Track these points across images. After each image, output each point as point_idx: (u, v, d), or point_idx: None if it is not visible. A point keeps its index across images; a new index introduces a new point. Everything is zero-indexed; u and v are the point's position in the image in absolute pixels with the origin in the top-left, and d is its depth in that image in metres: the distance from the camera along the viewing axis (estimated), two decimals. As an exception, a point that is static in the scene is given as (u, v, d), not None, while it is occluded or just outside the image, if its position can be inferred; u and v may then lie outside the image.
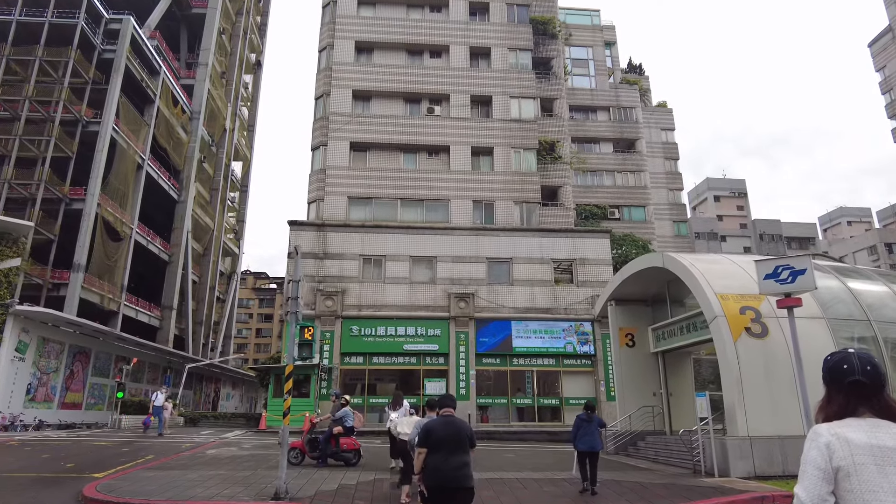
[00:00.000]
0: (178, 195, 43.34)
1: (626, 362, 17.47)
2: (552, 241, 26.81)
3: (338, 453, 12.27)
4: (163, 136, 40.80)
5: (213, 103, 49.19)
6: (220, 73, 53.28)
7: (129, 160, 36.35)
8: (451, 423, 5.00)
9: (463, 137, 28.55)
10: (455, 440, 4.88)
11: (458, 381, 24.49)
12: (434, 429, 4.95)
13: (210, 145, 50.54)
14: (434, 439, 4.88)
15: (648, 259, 15.23)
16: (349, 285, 25.35)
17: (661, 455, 14.21)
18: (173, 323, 41.68)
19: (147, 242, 38.97)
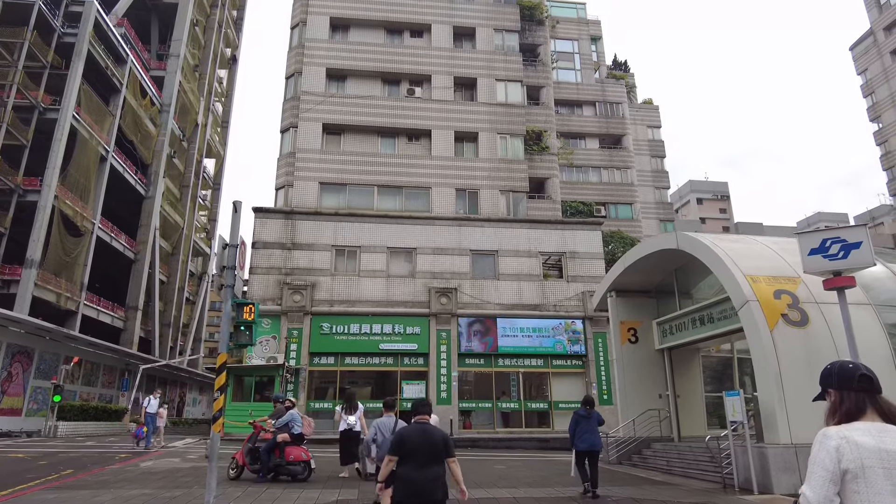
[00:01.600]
0: (145, 190, 40.74)
1: (628, 361, 15.59)
2: (540, 234, 24.93)
3: (283, 465, 10.14)
4: (129, 127, 38.34)
5: (184, 96, 46.82)
6: (193, 66, 50.97)
7: (91, 151, 33.82)
8: (427, 432, 4.65)
9: (445, 121, 26.56)
10: (430, 450, 4.53)
11: (438, 384, 22.38)
12: (408, 437, 4.58)
13: (181, 140, 48.14)
14: (407, 448, 4.51)
15: (660, 240, 13.37)
16: (320, 278, 23.09)
17: (675, 465, 12.30)
18: (138, 324, 38.94)
19: (111, 239, 36.34)
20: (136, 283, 39.30)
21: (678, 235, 12.65)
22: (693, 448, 12.60)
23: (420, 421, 4.79)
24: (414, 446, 4.53)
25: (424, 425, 4.74)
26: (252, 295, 22.79)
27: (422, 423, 4.76)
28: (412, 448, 4.52)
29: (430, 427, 4.76)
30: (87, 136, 33.04)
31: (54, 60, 32.32)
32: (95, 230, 34.33)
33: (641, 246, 14.17)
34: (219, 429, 6.65)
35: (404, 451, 4.54)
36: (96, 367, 33.87)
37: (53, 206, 29.92)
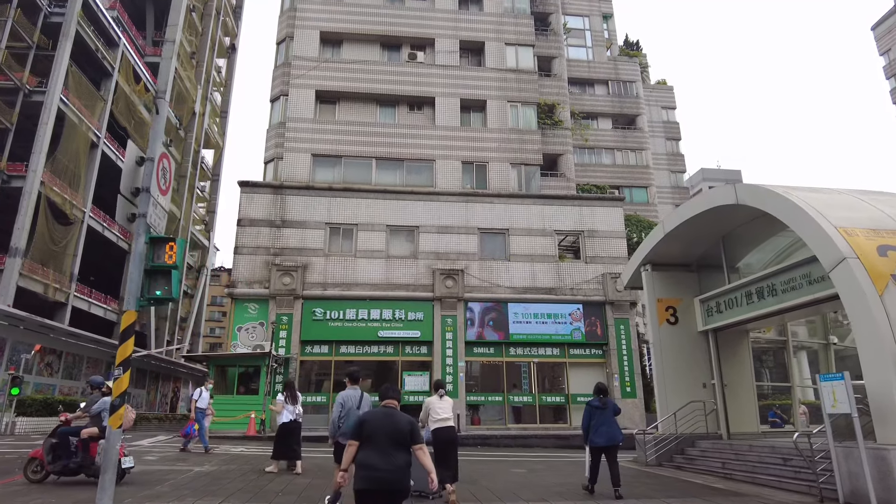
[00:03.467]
0: None
1: (667, 344, 13.30)
2: (555, 210, 22.63)
3: (88, 465, 8.11)
4: (122, 113, 36.36)
5: (180, 84, 44.92)
6: (190, 53, 49.14)
7: (80, 137, 31.83)
8: (390, 416, 4.45)
9: (451, 88, 24.24)
10: (393, 435, 4.28)
11: (443, 375, 20.14)
12: (369, 420, 4.39)
13: (178, 129, 46.33)
14: (368, 431, 4.29)
15: (714, 195, 11.04)
16: (312, 259, 20.86)
17: (735, 468, 10.03)
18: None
19: (103, 228, 34.33)
20: None
21: (738, 188, 10.33)
22: (755, 447, 10.33)
23: (387, 405, 4.58)
24: (375, 429, 4.29)
25: (389, 409, 4.53)
26: (237, 277, 20.61)
27: (387, 408, 4.54)
28: (373, 432, 4.28)
29: (395, 411, 4.54)
30: (76, 121, 31.12)
31: (40, 41, 30.37)
32: (86, 219, 32.38)
33: (689, 205, 11.86)
34: (118, 423, 4.44)
35: (365, 436, 4.29)
36: (79, 360, 31.80)
37: (40, 192, 27.97)
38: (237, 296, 20.38)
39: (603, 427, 8.03)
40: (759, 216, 11.94)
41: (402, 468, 4.24)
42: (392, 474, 4.17)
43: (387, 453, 4.22)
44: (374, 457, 4.21)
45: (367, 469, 4.19)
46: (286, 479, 8.96)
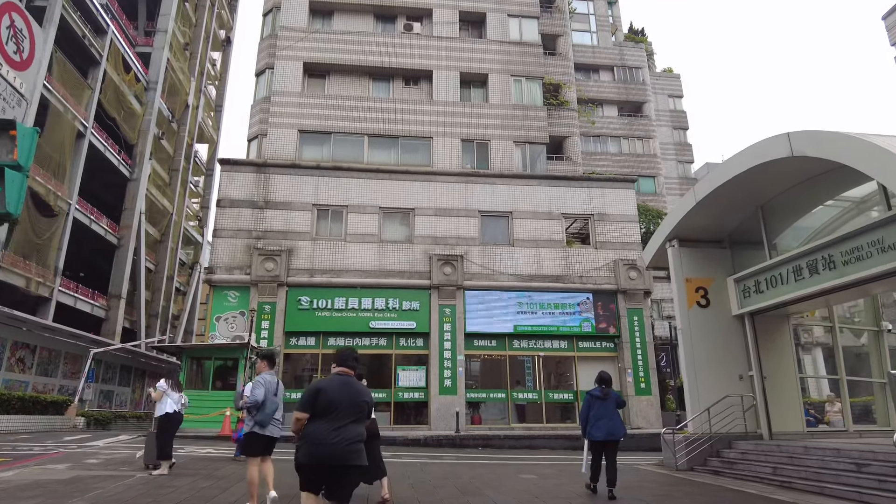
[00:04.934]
0: (130, 172, 37.04)
1: (698, 330, 11.57)
2: (563, 192, 20.90)
3: None
4: (111, 103, 34.65)
5: (173, 75, 43.31)
6: (184, 44, 47.59)
7: (66, 125, 30.19)
8: (350, 385, 4.07)
9: (449, 61, 22.50)
10: (352, 406, 3.97)
11: (441, 370, 18.41)
12: (325, 389, 3.97)
13: (170, 121, 44.68)
14: (323, 402, 3.91)
15: (762, 148, 9.24)
16: (298, 243, 19.13)
17: (793, 475, 8.28)
18: (122, 314, 35.21)
19: (90, 222, 32.59)
20: (119, 269, 35.68)
21: (792, 136, 8.57)
22: (813, 450, 8.59)
23: (341, 373, 4.13)
24: (332, 400, 3.89)
25: (347, 378, 4.09)
26: (216, 262, 18.88)
27: (343, 376, 4.10)
28: (329, 403, 3.88)
29: (353, 381, 4.12)
30: (60, 109, 29.46)
31: None
32: (72, 211, 30.68)
33: (727, 165, 10.08)
34: None
35: (319, 407, 3.88)
36: (55, 355, 30.00)
37: None
38: (215, 283, 18.65)
39: (602, 420, 7.47)
40: (803, 181, 10.27)
41: (357, 441, 3.92)
42: (347, 447, 3.81)
43: (341, 426, 3.86)
44: (326, 429, 3.84)
45: (316, 443, 3.79)
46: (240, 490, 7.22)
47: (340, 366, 4.19)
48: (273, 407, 5.99)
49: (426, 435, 16.03)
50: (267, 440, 5.99)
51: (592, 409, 7.70)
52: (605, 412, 7.56)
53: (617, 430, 7.45)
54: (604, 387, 7.77)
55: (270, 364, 6.28)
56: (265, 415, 5.87)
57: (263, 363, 6.30)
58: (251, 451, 5.94)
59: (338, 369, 4.19)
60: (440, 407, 17.96)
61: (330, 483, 3.89)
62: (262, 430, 5.92)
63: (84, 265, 36.00)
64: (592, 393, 7.85)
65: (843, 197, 10.41)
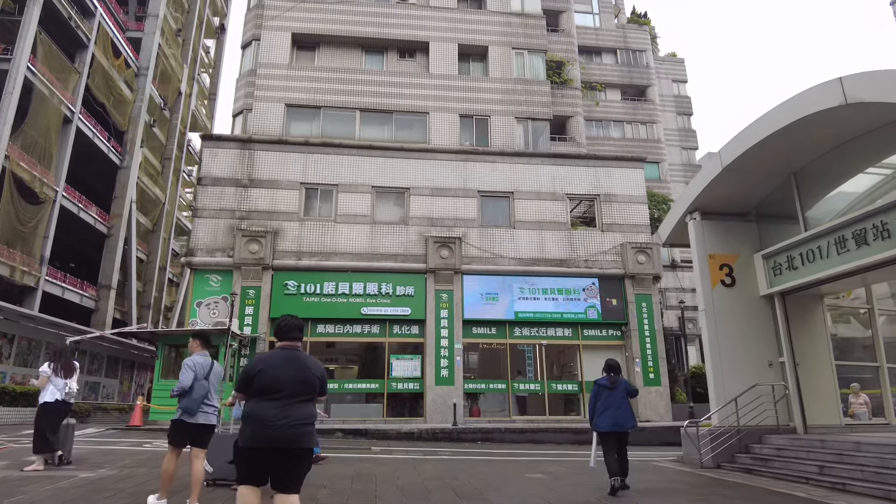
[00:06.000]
0: (120, 160, 35.82)
1: (722, 312, 10.40)
2: (568, 172, 19.68)
3: None
4: (100, 88, 33.38)
5: (165, 61, 42.01)
6: (176, 30, 46.29)
7: (52, 110, 28.92)
8: (297, 360, 3.57)
9: (447, 32, 21.18)
10: (300, 384, 3.48)
11: (438, 359, 17.25)
12: (269, 365, 3.50)
13: (162, 109, 43.39)
14: (265, 381, 3.43)
15: (810, 98, 8.00)
16: (284, 224, 17.89)
17: (846, 475, 7.12)
18: (112, 304, 34.04)
19: (78, 210, 31.36)
20: (109, 259, 34.52)
21: (846, 81, 7.35)
22: (866, 447, 7.43)
23: (287, 347, 3.64)
24: (277, 377, 3.42)
25: (293, 352, 3.61)
26: (196, 244, 17.64)
27: (289, 350, 3.62)
28: (274, 381, 3.41)
29: (301, 354, 3.62)
30: (46, 93, 28.18)
31: (5, 4, 27.40)
32: (59, 198, 29.43)
33: (766, 119, 8.83)
34: None
35: (260, 386, 3.41)
36: (35, 345, 28.84)
37: (4, 167, 25.00)
38: (196, 266, 17.42)
39: (610, 410, 7.08)
40: (846, 141, 9.08)
41: (308, 423, 3.45)
42: (294, 428, 3.34)
43: (288, 405, 3.39)
44: (271, 408, 3.35)
45: (258, 424, 3.32)
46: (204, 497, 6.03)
47: (283, 339, 3.68)
48: (202, 391, 5.25)
49: (421, 428, 14.87)
50: (196, 429, 5.24)
51: (600, 399, 7.28)
52: (612, 402, 7.13)
53: (624, 421, 7.02)
54: (612, 375, 7.34)
55: (204, 344, 5.69)
56: (191, 400, 5.19)
57: (196, 342, 5.65)
58: (174, 439, 5.27)
59: (281, 343, 3.68)
60: (436, 398, 16.82)
61: (277, 471, 3.37)
62: (189, 417, 5.19)
63: (74, 255, 34.86)
64: (600, 382, 7.41)
65: (886, 164, 9.26)
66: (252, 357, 16.63)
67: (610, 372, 7.41)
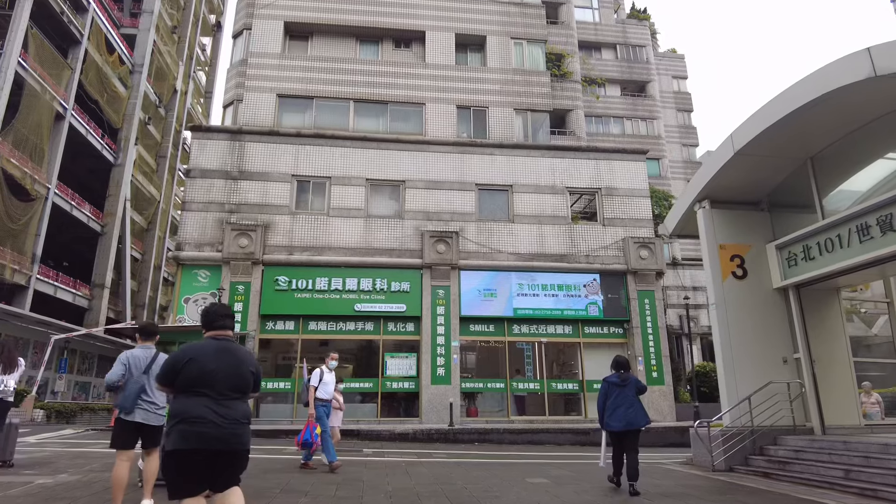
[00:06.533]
0: (114, 157, 35.19)
1: (734, 305, 9.82)
2: (568, 164, 19.11)
3: None
4: (93, 85, 32.74)
5: (160, 58, 41.44)
6: (171, 27, 45.72)
7: (44, 106, 28.31)
8: (230, 352, 3.19)
9: (444, 21, 20.60)
10: (234, 378, 3.12)
11: (434, 357, 16.65)
12: (196, 357, 3.09)
13: (157, 106, 42.77)
14: (195, 373, 3.05)
15: (834, 72, 7.42)
16: (275, 217, 17.28)
17: (877, 481, 6.54)
18: (105, 303, 33.38)
19: (71, 207, 30.72)
20: (103, 258, 33.90)
21: (875, 51, 6.76)
22: (894, 447, 6.86)
23: (219, 336, 3.25)
24: (207, 372, 3.03)
25: (224, 343, 3.22)
26: (184, 238, 17.02)
27: (221, 341, 3.23)
28: (205, 374, 3.02)
29: (233, 346, 3.24)
30: (38, 89, 27.56)
31: None
32: (51, 196, 28.79)
33: (784, 97, 8.25)
34: None
35: (188, 380, 3.02)
36: (23, 344, 28.14)
37: None
38: (184, 260, 16.80)
39: (621, 408, 6.86)
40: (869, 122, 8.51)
41: (244, 423, 3.09)
42: (231, 428, 2.98)
43: (221, 402, 3.01)
44: (203, 405, 2.97)
45: (190, 422, 2.92)
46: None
47: (211, 328, 3.31)
48: (135, 387, 4.90)
49: (416, 429, 14.27)
50: (136, 428, 4.90)
51: (610, 397, 7.04)
52: (623, 400, 6.91)
53: (637, 420, 6.80)
54: (622, 372, 7.12)
55: (145, 337, 5.31)
56: (125, 396, 4.88)
57: (139, 336, 5.32)
58: (116, 441, 4.92)
59: (210, 332, 3.32)
60: (432, 398, 16.22)
61: (213, 477, 3.01)
62: (126, 414, 4.83)
63: (68, 254, 34.22)
64: (609, 379, 7.17)
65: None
66: (241, 355, 16.06)
67: (619, 369, 7.18)
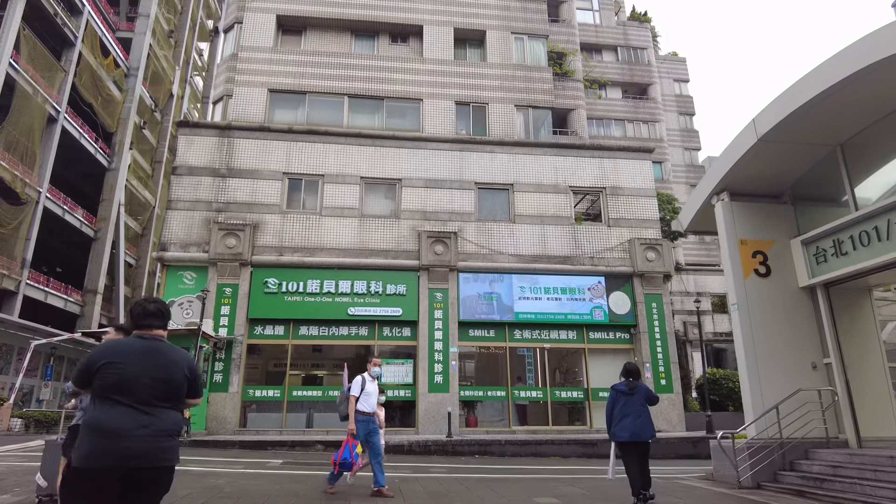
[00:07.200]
0: (108, 162, 34.50)
1: (757, 306, 9.02)
2: (571, 163, 18.37)
3: None
4: (87, 88, 32.11)
5: (156, 63, 40.91)
6: (168, 31, 45.25)
7: (35, 109, 27.65)
8: (157, 352, 2.75)
9: (442, 15, 19.91)
10: (161, 384, 2.68)
11: (431, 364, 15.81)
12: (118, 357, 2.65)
13: (153, 110, 42.17)
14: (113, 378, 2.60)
15: (878, 41, 6.70)
16: (265, 217, 16.48)
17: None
18: (98, 309, 32.47)
19: (63, 212, 29.97)
20: (95, 263, 33.08)
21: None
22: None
23: (147, 335, 2.81)
24: (128, 376, 2.59)
25: (153, 343, 2.78)
26: (169, 238, 16.20)
27: (149, 339, 2.79)
28: (125, 378, 2.58)
29: (166, 347, 2.81)
30: (29, 91, 26.92)
31: None
32: (42, 200, 28.02)
33: (815, 75, 7.50)
34: None
35: (107, 384, 2.57)
36: (7, 350, 27.31)
37: None
38: (168, 261, 15.97)
39: (628, 418, 6.56)
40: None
41: (172, 434, 2.65)
42: (154, 443, 2.55)
43: (144, 412, 2.57)
44: (121, 415, 2.52)
45: (104, 436, 2.48)
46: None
47: (140, 326, 2.88)
48: None
49: (412, 440, 13.40)
50: None
51: (617, 406, 6.78)
52: (630, 409, 6.61)
53: (644, 431, 6.46)
54: (630, 380, 6.83)
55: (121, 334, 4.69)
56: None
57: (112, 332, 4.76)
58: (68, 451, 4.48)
59: (137, 332, 2.90)
60: (429, 407, 15.36)
61: (128, 499, 2.55)
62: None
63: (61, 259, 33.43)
64: (617, 387, 6.91)
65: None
66: (227, 361, 15.19)
67: (629, 376, 6.85)
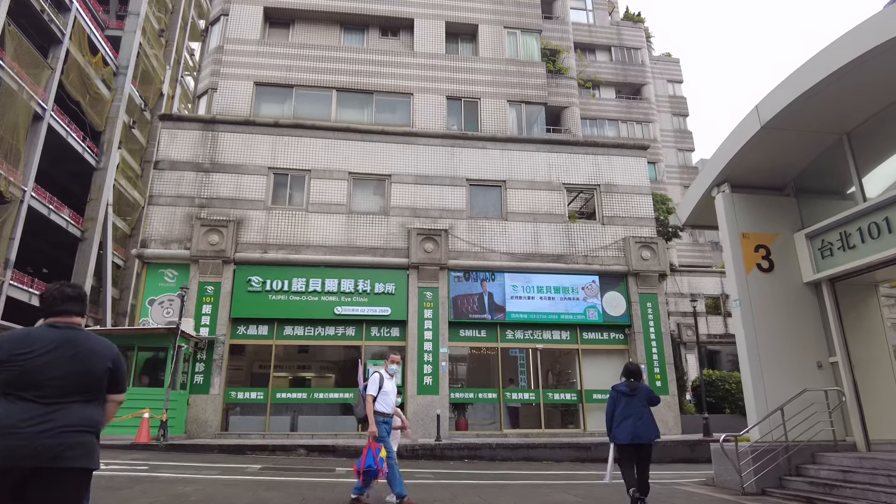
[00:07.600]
0: (96, 161, 33.78)
1: (760, 302, 8.60)
2: (565, 159, 17.97)
3: None
4: (75, 86, 31.38)
5: (146, 61, 40.20)
6: (159, 30, 44.56)
7: (20, 106, 26.89)
8: (72, 342, 2.45)
9: (434, 8, 19.47)
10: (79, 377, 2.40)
11: (420, 365, 15.31)
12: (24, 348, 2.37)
13: (143, 110, 41.43)
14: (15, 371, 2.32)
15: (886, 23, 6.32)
16: (249, 213, 15.95)
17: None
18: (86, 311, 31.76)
19: (49, 212, 29.22)
20: (82, 264, 32.27)
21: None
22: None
23: (60, 323, 2.52)
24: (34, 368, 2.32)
25: (70, 332, 2.49)
26: (150, 234, 15.63)
27: (66, 328, 2.50)
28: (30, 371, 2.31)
29: (85, 336, 2.51)
30: (14, 87, 26.18)
31: None
32: (27, 199, 27.28)
33: (822, 57, 7.11)
34: None
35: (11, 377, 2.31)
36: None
37: None
38: (148, 258, 15.40)
39: (629, 420, 6.36)
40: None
41: (82, 430, 2.33)
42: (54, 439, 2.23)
43: (51, 407, 2.29)
44: (22, 411, 2.25)
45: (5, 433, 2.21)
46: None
47: (51, 314, 2.52)
48: None
49: (399, 443, 12.85)
50: None
51: (618, 407, 6.56)
52: (632, 410, 6.42)
53: (646, 432, 6.27)
54: (631, 380, 6.63)
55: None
56: None
57: None
58: None
59: (50, 319, 2.53)
60: (418, 409, 14.86)
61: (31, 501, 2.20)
62: None
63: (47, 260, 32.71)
64: (617, 388, 6.70)
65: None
66: (208, 362, 14.63)
67: (630, 377, 6.65)
